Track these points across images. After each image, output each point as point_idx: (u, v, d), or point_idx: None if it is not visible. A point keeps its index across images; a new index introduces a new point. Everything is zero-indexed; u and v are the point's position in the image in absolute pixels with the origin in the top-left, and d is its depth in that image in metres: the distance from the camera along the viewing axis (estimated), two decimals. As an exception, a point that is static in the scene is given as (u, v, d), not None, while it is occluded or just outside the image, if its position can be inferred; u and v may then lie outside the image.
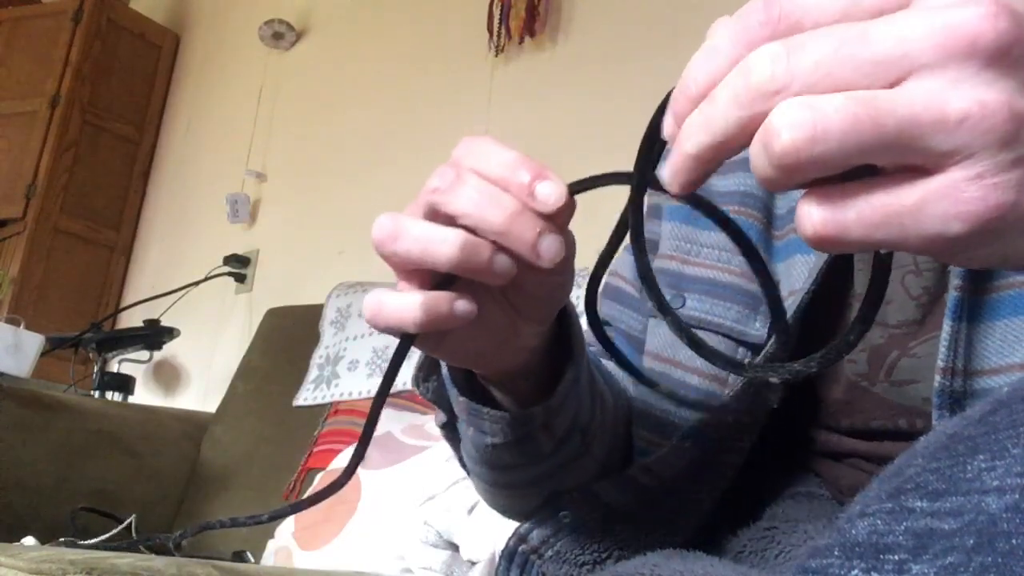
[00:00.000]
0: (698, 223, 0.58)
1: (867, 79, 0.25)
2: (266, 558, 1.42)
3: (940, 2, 0.25)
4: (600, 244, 0.42)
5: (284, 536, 1.41)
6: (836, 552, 0.23)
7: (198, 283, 2.50)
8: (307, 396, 1.75)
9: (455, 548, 1.13)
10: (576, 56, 1.99)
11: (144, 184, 3.16)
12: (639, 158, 0.34)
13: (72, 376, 2.43)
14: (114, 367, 2.61)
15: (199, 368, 2.66)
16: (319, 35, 2.73)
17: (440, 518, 1.14)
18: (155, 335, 2.41)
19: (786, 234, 0.55)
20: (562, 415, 0.47)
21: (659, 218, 0.61)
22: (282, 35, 2.71)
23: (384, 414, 1.51)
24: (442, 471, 1.21)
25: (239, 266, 2.57)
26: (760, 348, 0.52)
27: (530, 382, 0.46)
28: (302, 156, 2.61)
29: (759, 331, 0.53)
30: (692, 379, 0.53)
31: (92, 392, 2.39)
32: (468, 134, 0.39)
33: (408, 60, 2.37)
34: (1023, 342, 0.41)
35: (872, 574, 0.22)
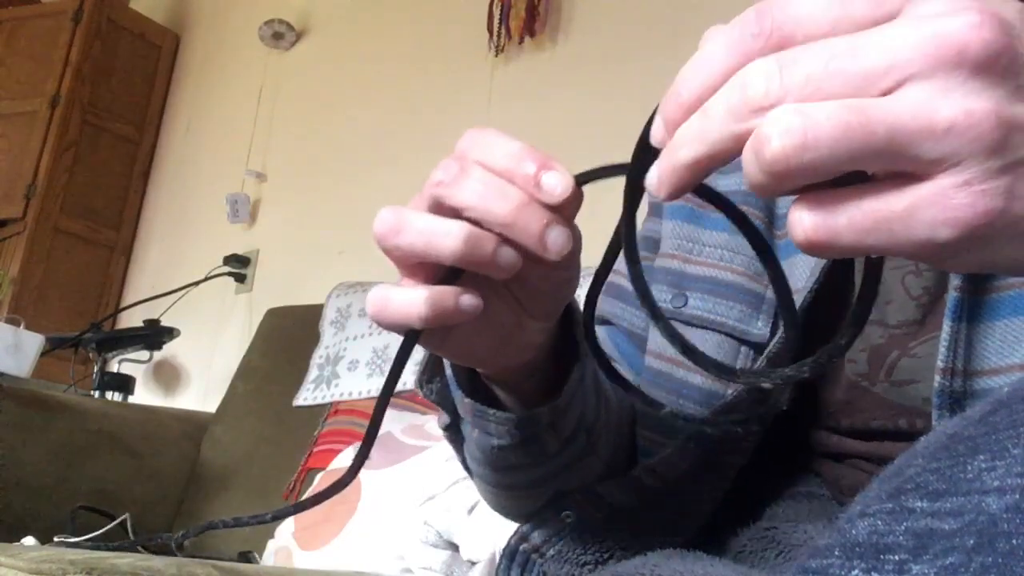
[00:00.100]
0: (700, 222, 0.58)
1: (858, 91, 0.25)
2: (266, 558, 1.42)
3: (929, 12, 0.25)
4: (605, 240, 0.42)
5: (284, 536, 1.41)
6: (836, 552, 0.23)
7: (198, 283, 2.50)
8: (307, 396, 1.75)
9: (455, 548, 1.13)
10: (576, 56, 1.99)
11: (144, 184, 3.16)
12: (630, 171, 0.33)
13: (72, 376, 2.43)
14: (114, 367, 2.61)
15: (199, 368, 2.66)
16: (319, 35, 2.73)
17: (440, 518, 1.14)
18: (155, 335, 2.41)
19: (787, 234, 0.55)
20: (568, 415, 0.47)
21: (660, 216, 0.61)
22: (282, 35, 2.71)
23: (385, 415, 1.51)
24: (442, 471, 1.21)
25: (239, 266, 2.57)
26: (762, 347, 0.52)
27: (536, 380, 0.46)
28: (302, 156, 2.61)
29: (761, 330, 0.53)
30: (695, 379, 0.53)
31: (92, 392, 2.39)
32: (469, 134, 0.39)
33: (408, 60, 2.37)
34: (1022, 342, 0.41)
35: (872, 574, 0.22)
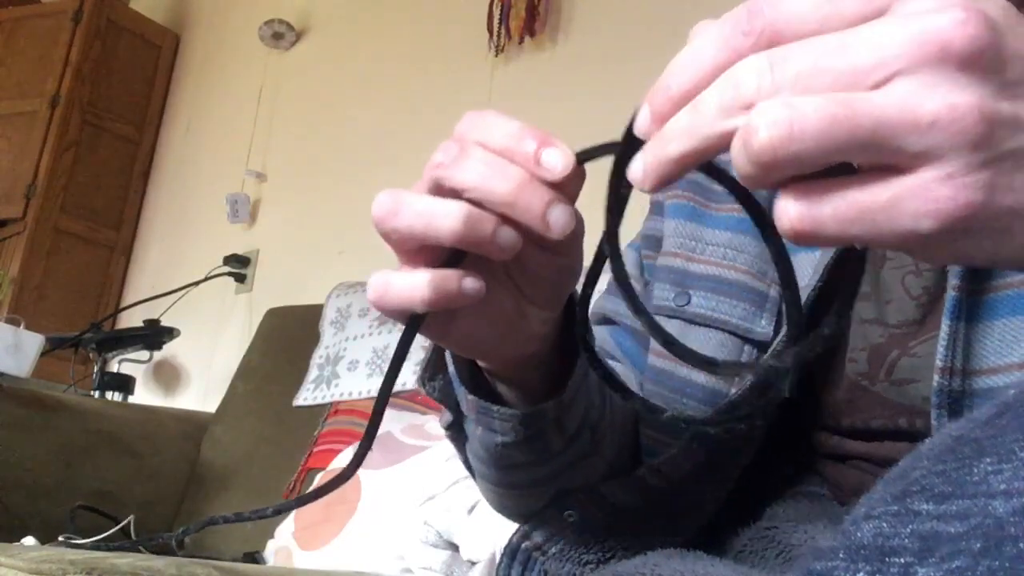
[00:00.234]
0: (703, 221, 0.58)
1: (846, 87, 0.26)
2: (266, 558, 1.42)
3: (916, 9, 0.26)
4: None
5: (284, 536, 1.41)
6: (841, 554, 0.23)
7: (198, 283, 2.49)
8: (307, 396, 1.75)
9: (455, 548, 1.13)
10: (576, 56, 1.99)
11: (144, 184, 3.15)
12: (615, 162, 0.33)
13: (72, 376, 2.43)
14: (114, 367, 2.60)
15: (199, 368, 2.66)
16: (319, 35, 2.73)
17: (440, 518, 1.14)
18: (155, 335, 2.41)
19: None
20: (573, 411, 0.47)
21: (661, 215, 0.61)
22: (282, 35, 2.71)
23: (384, 414, 1.51)
24: (442, 471, 1.21)
25: (239, 266, 2.57)
26: (766, 346, 0.52)
27: (540, 375, 0.46)
28: (302, 156, 2.61)
29: (765, 328, 0.53)
30: (698, 377, 0.53)
31: (92, 392, 2.39)
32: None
33: (408, 60, 2.37)
34: (1021, 342, 0.41)
35: None
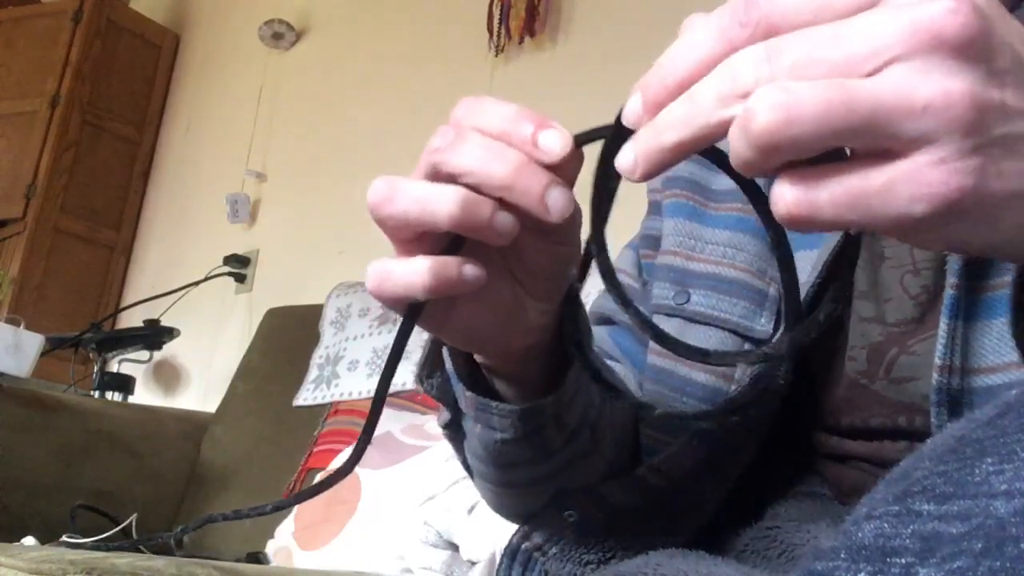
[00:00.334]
0: (702, 220, 0.58)
1: (842, 76, 0.27)
2: (270, 558, 1.42)
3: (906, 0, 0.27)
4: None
5: (284, 536, 1.41)
6: (843, 555, 0.23)
7: (198, 283, 2.49)
8: (307, 396, 1.75)
9: (455, 548, 1.13)
10: (576, 56, 1.99)
11: (144, 184, 3.15)
12: (603, 151, 0.33)
13: (72, 376, 2.43)
14: (114, 367, 2.60)
15: (199, 368, 2.66)
16: (319, 35, 2.73)
17: (440, 518, 1.14)
18: (155, 335, 2.41)
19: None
20: (572, 408, 0.47)
21: (659, 215, 0.61)
22: (282, 35, 2.71)
23: (384, 414, 1.51)
24: (442, 471, 1.21)
25: (239, 266, 2.57)
26: (765, 344, 0.52)
27: (538, 367, 0.45)
28: (302, 156, 2.61)
29: (764, 327, 0.53)
30: (698, 376, 0.53)
31: (92, 392, 2.39)
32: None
33: (408, 60, 2.37)
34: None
35: None
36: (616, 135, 0.32)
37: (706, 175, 0.60)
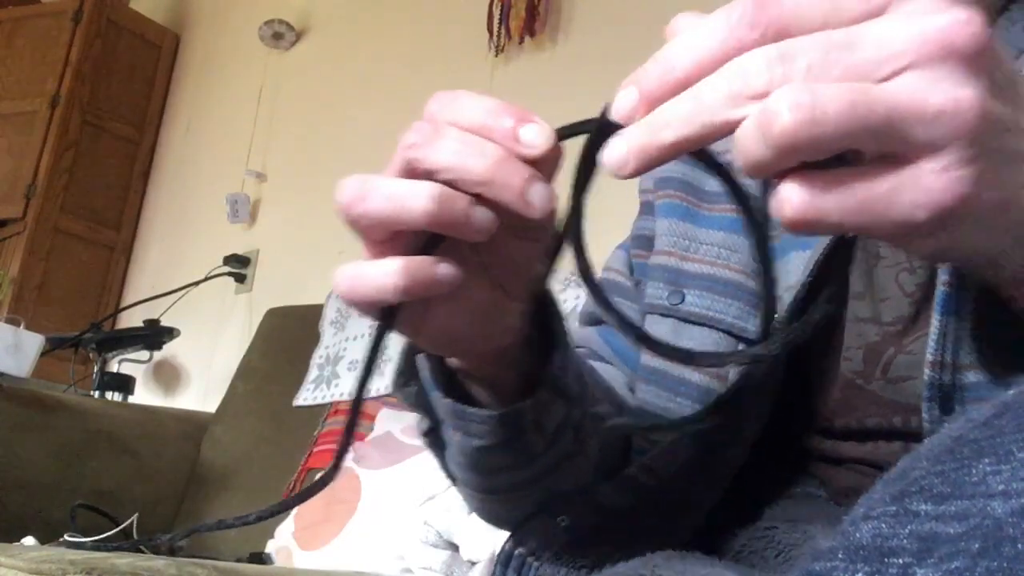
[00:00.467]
0: (696, 220, 0.58)
1: (856, 81, 0.27)
2: (272, 558, 1.42)
3: (916, 9, 0.27)
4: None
5: (284, 536, 1.41)
6: (840, 555, 0.23)
7: (198, 283, 2.50)
8: (307, 396, 1.75)
9: (455, 548, 1.13)
10: (576, 56, 1.99)
11: (144, 184, 3.15)
12: (587, 145, 0.33)
13: (72, 376, 2.43)
14: (114, 367, 2.60)
15: (199, 368, 2.66)
16: (319, 35, 2.73)
17: (440, 518, 1.14)
18: (155, 335, 2.41)
19: (779, 236, 0.54)
20: (552, 411, 0.46)
21: (652, 215, 0.61)
22: (282, 35, 2.71)
23: (384, 414, 1.51)
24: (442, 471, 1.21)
25: (239, 266, 2.57)
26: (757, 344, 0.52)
27: (516, 371, 0.45)
28: (302, 156, 2.61)
29: (758, 327, 0.53)
30: (692, 376, 0.53)
31: (92, 392, 2.38)
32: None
33: (408, 60, 2.37)
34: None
35: None
36: (602, 130, 0.32)
37: (698, 176, 0.59)
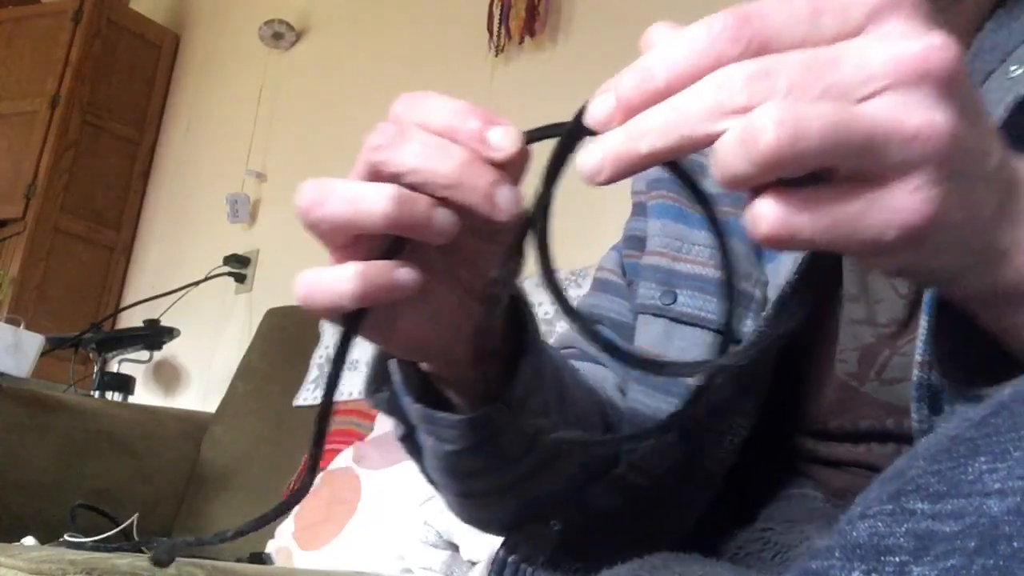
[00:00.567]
0: (688, 221, 0.58)
1: (836, 100, 0.27)
2: (273, 558, 1.42)
3: (893, 32, 0.27)
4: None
5: (284, 536, 1.41)
6: (837, 554, 0.23)
7: (198, 283, 2.50)
8: (307, 396, 1.75)
9: (455, 548, 1.13)
10: (576, 56, 1.99)
11: (144, 184, 3.15)
12: (558, 149, 0.32)
13: (72, 376, 2.43)
14: (114, 367, 2.61)
15: (199, 368, 2.66)
16: (319, 35, 2.73)
17: (440, 518, 1.14)
18: (155, 335, 2.41)
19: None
20: (527, 413, 0.45)
21: (644, 216, 0.61)
22: (282, 35, 2.71)
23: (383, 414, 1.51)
24: (442, 471, 1.21)
25: (239, 266, 2.57)
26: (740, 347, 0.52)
27: (488, 379, 0.43)
28: (302, 156, 2.61)
29: (749, 328, 0.53)
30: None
31: (92, 392, 2.39)
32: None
33: (408, 60, 2.37)
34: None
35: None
36: (572, 134, 0.31)
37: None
